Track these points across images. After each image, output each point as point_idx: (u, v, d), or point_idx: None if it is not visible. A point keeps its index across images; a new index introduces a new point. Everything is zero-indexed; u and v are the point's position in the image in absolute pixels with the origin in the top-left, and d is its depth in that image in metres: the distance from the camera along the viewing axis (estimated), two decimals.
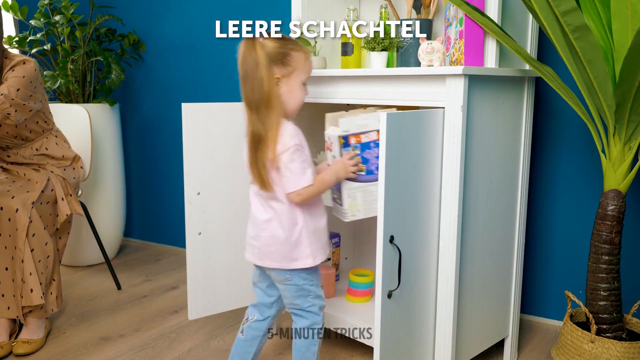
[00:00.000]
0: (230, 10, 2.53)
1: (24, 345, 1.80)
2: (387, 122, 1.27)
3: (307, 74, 1.37)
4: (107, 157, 2.66)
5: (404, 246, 1.37)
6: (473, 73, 1.37)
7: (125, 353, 1.83)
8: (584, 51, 1.34)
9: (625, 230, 1.83)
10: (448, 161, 1.41)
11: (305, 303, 1.43)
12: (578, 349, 1.49)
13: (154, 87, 2.86)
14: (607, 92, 1.37)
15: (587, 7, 1.43)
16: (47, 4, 2.54)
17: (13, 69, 1.85)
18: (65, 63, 2.52)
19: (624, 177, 1.45)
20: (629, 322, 1.58)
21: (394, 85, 1.49)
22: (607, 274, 1.47)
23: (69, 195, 1.98)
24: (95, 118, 2.50)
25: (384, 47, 1.67)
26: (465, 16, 1.42)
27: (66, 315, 2.12)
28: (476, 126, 1.44)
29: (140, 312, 2.16)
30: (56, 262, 1.92)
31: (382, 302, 1.33)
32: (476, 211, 1.50)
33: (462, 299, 1.50)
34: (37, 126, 2.01)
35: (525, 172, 1.68)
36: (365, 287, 1.81)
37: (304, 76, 1.36)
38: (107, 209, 2.68)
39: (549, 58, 1.86)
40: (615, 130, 1.42)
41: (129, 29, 2.81)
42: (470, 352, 1.59)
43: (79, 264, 2.68)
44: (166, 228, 2.98)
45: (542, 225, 2.02)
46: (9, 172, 2.01)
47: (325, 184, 1.37)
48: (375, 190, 1.39)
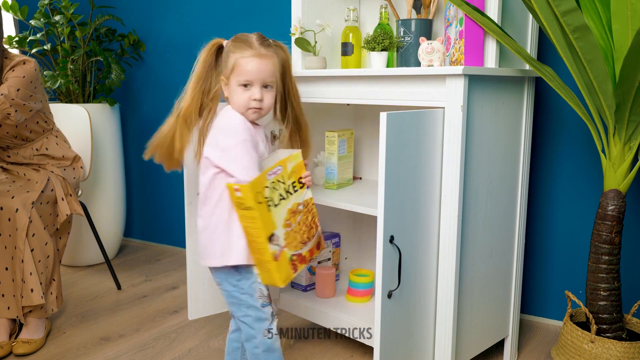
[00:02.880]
0: (230, 10, 2.53)
1: (24, 345, 1.80)
2: (387, 122, 1.27)
3: (243, 76, 1.30)
4: (107, 157, 2.66)
5: (404, 246, 1.37)
6: (473, 73, 1.37)
7: (125, 353, 1.83)
8: (584, 51, 1.34)
9: (625, 230, 1.83)
10: (448, 161, 1.41)
11: (239, 312, 1.35)
12: (578, 349, 1.49)
13: (154, 87, 2.86)
14: (607, 92, 1.37)
15: (587, 7, 1.43)
16: (47, 4, 2.54)
17: (13, 69, 1.85)
18: (65, 63, 2.52)
19: (624, 177, 1.45)
20: (629, 322, 1.58)
21: (394, 85, 1.49)
22: (607, 274, 1.47)
23: (69, 195, 1.98)
24: (95, 118, 2.51)
25: (384, 47, 1.67)
26: (465, 16, 1.42)
27: (66, 315, 2.12)
28: (476, 126, 1.44)
29: (140, 312, 2.16)
30: (56, 262, 1.92)
31: (382, 302, 1.33)
32: (476, 211, 1.50)
33: (462, 299, 1.50)
34: (38, 126, 2.01)
35: (525, 172, 1.68)
36: (365, 287, 1.81)
37: (241, 77, 1.30)
38: (107, 209, 2.68)
39: (549, 58, 1.86)
40: (615, 130, 1.42)
41: (129, 29, 2.81)
42: (470, 352, 1.59)
43: (79, 264, 2.68)
44: (166, 228, 2.98)
45: (542, 225, 2.02)
46: (9, 172, 2.01)
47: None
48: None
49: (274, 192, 1.29)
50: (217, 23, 2.58)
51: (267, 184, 1.27)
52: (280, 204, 1.30)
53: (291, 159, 1.35)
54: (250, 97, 1.31)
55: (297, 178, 1.36)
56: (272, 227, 1.28)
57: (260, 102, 1.32)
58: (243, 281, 1.34)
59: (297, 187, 1.36)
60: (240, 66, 1.30)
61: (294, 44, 1.78)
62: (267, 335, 1.35)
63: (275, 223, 1.29)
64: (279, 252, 1.29)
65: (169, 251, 2.93)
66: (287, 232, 1.32)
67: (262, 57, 1.30)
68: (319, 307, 1.77)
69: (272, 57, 1.33)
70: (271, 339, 1.35)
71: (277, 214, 1.30)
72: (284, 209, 1.32)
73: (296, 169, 1.37)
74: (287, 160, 1.34)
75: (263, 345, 1.35)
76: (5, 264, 1.82)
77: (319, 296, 1.85)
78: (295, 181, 1.36)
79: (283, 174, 1.32)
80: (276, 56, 1.34)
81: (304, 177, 1.38)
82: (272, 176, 1.29)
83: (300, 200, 1.37)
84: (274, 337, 1.36)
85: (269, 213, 1.27)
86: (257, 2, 2.45)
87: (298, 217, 1.35)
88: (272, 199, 1.28)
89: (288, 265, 1.31)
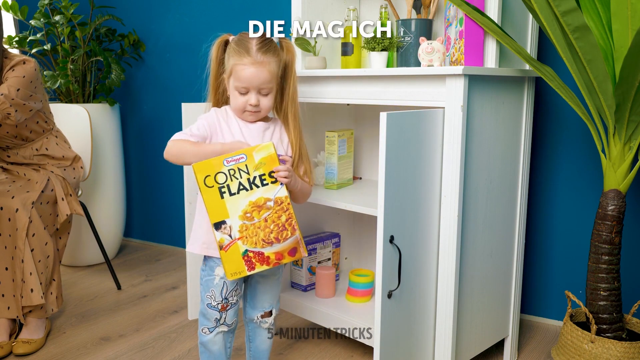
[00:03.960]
0: (230, 10, 2.53)
1: (24, 345, 1.80)
2: (387, 122, 1.27)
3: (239, 82, 1.32)
4: (107, 157, 2.66)
5: (404, 246, 1.37)
6: (473, 73, 1.37)
7: (125, 353, 1.83)
8: (584, 51, 1.34)
9: (625, 230, 1.83)
10: (448, 161, 1.41)
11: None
12: (578, 349, 1.49)
13: (154, 87, 2.86)
14: (607, 92, 1.37)
15: (587, 7, 1.43)
16: (47, 4, 2.54)
17: (13, 68, 1.85)
18: (65, 63, 2.52)
19: (624, 177, 1.45)
20: (629, 322, 1.58)
21: (394, 85, 1.49)
22: (607, 274, 1.47)
23: (69, 195, 1.98)
24: (95, 118, 2.50)
25: (384, 47, 1.67)
26: (465, 16, 1.42)
27: (66, 315, 2.12)
28: (476, 126, 1.44)
29: (140, 312, 2.16)
30: (56, 262, 1.92)
31: (382, 302, 1.33)
32: (476, 211, 1.50)
33: (462, 299, 1.50)
34: (38, 126, 2.01)
35: (525, 172, 1.68)
36: (365, 287, 1.81)
37: (237, 84, 1.32)
38: (107, 209, 2.68)
39: (549, 58, 1.86)
40: (615, 130, 1.42)
41: (129, 29, 2.81)
42: (470, 352, 1.59)
43: (79, 264, 2.68)
44: (166, 228, 2.98)
45: (542, 225, 2.02)
46: (9, 172, 2.01)
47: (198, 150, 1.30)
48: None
49: (233, 180, 1.27)
50: (217, 23, 2.57)
51: (223, 170, 1.26)
52: (240, 194, 1.27)
53: (259, 149, 1.28)
54: (246, 101, 1.33)
55: (268, 171, 1.29)
56: (222, 215, 1.27)
57: (256, 106, 1.34)
58: (204, 272, 1.40)
59: (267, 180, 1.29)
60: (236, 72, 1.31)
61: (294, 44, 1.78)
62: (205, 332, 1.40)
63: (228, 212, 1.27)
64: (229, 243, 1.28)
65: (169, 251, 2.93)
66: (245, 225, 1.28)
67: (258, 66, 1.30)
68: (319, 307, 1.77)
69: (269, 63, 1.32)
70: (207, 336, 1.40)
71: (233, 204, 1.27)
72: (245, 199, 1.28)
73: (266, 161, 1.28)
74: (254, 150, 1.28)
75: (200, 336, 1.42)
76: (5, 264, 1.82)
77: (319, 296, 1.85)
78: (265, 174, 1.28)
79: (248, 164, 1.27)
80: (275, 61, 1.33)
81: (275, 171, 1.29)
82: (232, 163, 1.26)
83: (270, 197, 1.29)
84: (211, 339, 1.40)
85: (221, 200, 1.26)
86: (257, 2, 2.45)
87: (265, 213, 1.29)
88: (227, 186, 1.26)
89: (240, 259, 1.29)
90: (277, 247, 1.30)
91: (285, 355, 1.81)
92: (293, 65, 1.39)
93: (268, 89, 1.34)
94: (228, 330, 1.41)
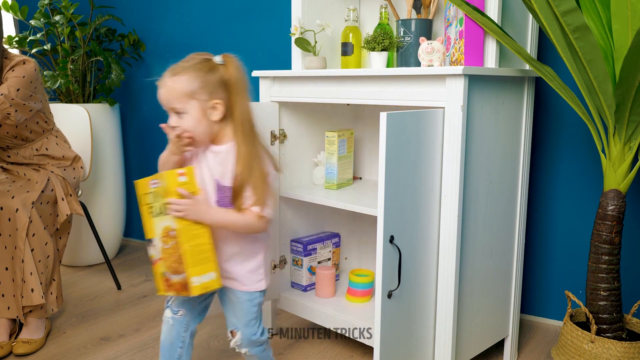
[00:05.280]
0: (230, 10, 2.53)
1: (24, 345, 1.80)
2: (387, 122, 1.27)
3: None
4: (107, 157, 2.66)
5: (404, 246, 1.37)
6: (473, 73, 1.37)
7: (125, 353, 1.83)
8: (584, 51, 1.34)
9: (625, 230, 1.83)
10: (448, 161, 1.41)
11: None
12: (578, 349, 1.49)
13: (154, 87, 2.85)
14: (607, 92, 1.37)
15: (587, 7, 1.43)
16: (47, 4, 2.54)
17: (13, 69, 1.85)
18: (65, 63, 2.52)
19: (624, 177, 1.45)
20: (629, 322, 1.58)
21: (394, 85, 1.49)
22: (607, 274, 1.47)
23: (69, 195, 1.98)
24: (95, 118, 2.51)
25: (384, 47, 1.67)
26: (465, 16, 1.43)
27: (66, 315, 2.12)
28: (476, 126, 1.44)
29: (140, 312, 2.16)
30: (56, 262, 1.92)
31: (382, 302, 1.33)
32: (476, 211, 1.50)
33: (462, 299, 1.50)
34: (38, 126, 2.01)
35: (525, 172, 1.68)
36: (365, 287, 1.81)
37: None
38: (107, 209, 2.68)
39: (549, 58, 1.86)
40: (615, 130, 1.42)
41: (129, 29, 2.81)
42: (470, 352, 1.59)
43: (79, 264, 2.68)
44: None
45: (542, 225, 2.02)
46: (9, 172, 2.01)
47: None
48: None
49: (157, 202, 1.24)
50: (217, 23, 2.58)
51: (151, 190, 1.25)
52: (159, 217, 1.25)
53: (166, 176, 1.22)
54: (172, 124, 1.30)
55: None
56: (151, 232, 1.28)
57: (174, 128, 1.29)
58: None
59: (167, 210, 1.23)
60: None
61: (294, 44, 1.78)
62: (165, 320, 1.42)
63: (155, 231, 1.27)
64: (155, 261, 1.29)
65: None
66: (164, 248, 1.25)
67: (162, 87, 1.29)
68: (319, 307, 1.77)
69: (177, 81, 1.26)
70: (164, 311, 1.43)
71: (157, 225, 1.26)
72: (161, 224, 1.25)
73: (168, 190, 1.21)
74: (165, 177, 1.22)
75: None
76: (6, 264, 1.82)
77: (319, 296, 1.85)
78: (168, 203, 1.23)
79: (163, 189, 1.22)
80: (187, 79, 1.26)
81: (170, 202, 1.21)
82: (154, 186, 1.25)
83: (174, 227, 1.23)
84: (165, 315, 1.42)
85: (151, 218, 1.27)
86: (257, 2, 2.45)
87: (171, 242, 1.24)
88: (153, 206, 1.26)
89: (160, 278, 1.28)
90: (180, 278, 1.25)
91: (285, 355, 1.81)
92: (237, 83, 1.30)
93: (180, 109, 1.27)
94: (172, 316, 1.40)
